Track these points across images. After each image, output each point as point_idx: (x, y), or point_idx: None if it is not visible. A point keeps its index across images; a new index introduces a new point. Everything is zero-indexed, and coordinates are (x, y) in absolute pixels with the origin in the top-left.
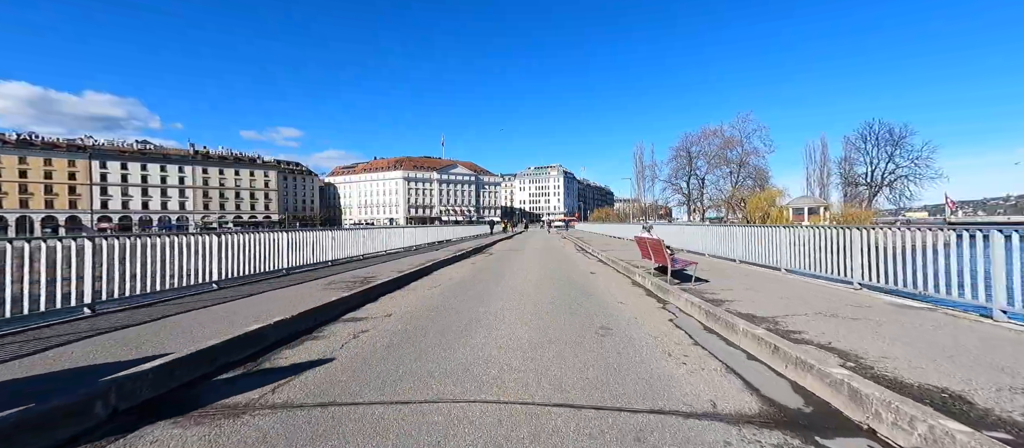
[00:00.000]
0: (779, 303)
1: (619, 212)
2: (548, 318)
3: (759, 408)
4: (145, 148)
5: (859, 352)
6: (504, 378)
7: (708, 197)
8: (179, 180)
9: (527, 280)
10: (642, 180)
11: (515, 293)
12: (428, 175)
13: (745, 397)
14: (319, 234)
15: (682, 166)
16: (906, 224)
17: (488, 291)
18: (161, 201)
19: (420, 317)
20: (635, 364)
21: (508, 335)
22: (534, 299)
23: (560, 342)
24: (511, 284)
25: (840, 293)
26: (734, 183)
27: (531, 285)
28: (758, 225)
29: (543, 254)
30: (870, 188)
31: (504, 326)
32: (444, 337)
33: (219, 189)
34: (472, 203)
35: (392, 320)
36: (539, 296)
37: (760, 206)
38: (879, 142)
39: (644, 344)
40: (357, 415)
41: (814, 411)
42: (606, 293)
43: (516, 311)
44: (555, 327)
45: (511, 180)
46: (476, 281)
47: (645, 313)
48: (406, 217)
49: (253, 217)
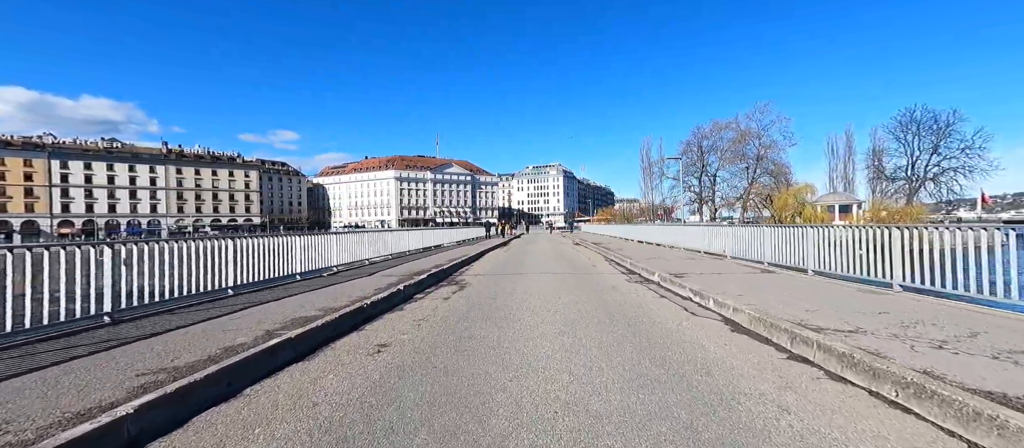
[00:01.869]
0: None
1: (624, 212)
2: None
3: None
4: (111, 146)
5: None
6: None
7: (720, 195)
8: (150, 181)
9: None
10: (649, 177)
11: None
12: (421, 175)
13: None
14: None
15: (693, 162)
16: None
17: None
18: (130, 203)
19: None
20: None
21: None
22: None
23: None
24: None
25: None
26: (750, 179)
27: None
28: (788, 225)
29: (567, 285)
30: (910, 182)
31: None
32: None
33: (195, 190)
34: (468, 204)
35: None
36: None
37: (789, 204)
38: (921, 131)
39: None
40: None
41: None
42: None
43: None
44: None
45: (509, 180)
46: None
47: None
48: (398, 219)
49: (233, 220)
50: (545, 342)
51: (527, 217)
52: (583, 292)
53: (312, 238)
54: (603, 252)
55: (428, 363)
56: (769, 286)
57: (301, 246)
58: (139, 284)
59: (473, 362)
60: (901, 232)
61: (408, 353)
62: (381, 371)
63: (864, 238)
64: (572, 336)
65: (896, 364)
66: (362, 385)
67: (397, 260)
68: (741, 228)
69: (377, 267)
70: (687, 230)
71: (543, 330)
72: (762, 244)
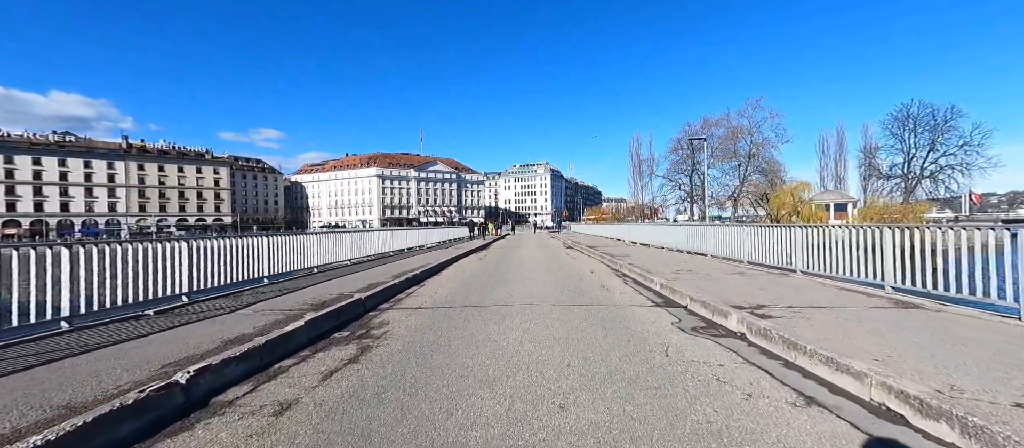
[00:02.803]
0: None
1: (613, 211)
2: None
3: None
4: (64, 140)
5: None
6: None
7: (711, 194)
8: (108, 177)
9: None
10: (639, 175)
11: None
12: (405, 173)
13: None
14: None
15: (683, 159)
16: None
17: None
18: (86, 202)
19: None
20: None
21: None
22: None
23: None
24: None
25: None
26: (741, 177)
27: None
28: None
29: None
30: (906, 180)
31: None
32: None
33: (159, 188)
34: (454, 203)
35: None
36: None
37: (786, 202)
38: (917, 128)
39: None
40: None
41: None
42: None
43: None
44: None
45: (495, 179)
46: None
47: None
48: (380, 219)
49: (201, 220)
50: None
51: (514, 216)
52: (610, 354)
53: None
54: (607, 260)
55: None
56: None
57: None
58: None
59: None
60: (894, 232)
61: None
62: None
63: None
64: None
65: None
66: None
67: (334, 272)
68: (762, 228)
69: (276, 290)
70: (706, 231)
71: None
72: (793, 247)
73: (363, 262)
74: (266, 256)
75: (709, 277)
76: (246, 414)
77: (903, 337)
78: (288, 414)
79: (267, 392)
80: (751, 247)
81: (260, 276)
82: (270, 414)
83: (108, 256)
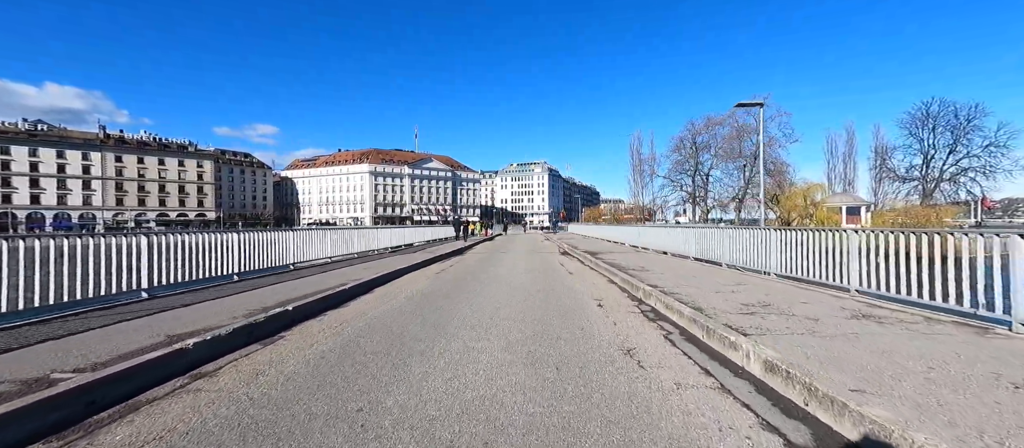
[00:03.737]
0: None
1: (612, 212)
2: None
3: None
4: (36, 129)
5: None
6: None
7: (713, 196)
8: (83, 169)
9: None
10: (639, 175)
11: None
12: (398, 169)
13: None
14: None
15: (685, 159)
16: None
17: None
18: (58, 194)
19: None
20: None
21: None
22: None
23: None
24: None
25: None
26: (746, 178)
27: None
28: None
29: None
30: (924, 183)
31: None
32: None
33: (138, 181)
34: (448, 201)
35: None
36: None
37: (797, 205)
38: (937, 127)
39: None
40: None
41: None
42: None
43: None
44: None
45: (492, 177)
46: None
47: None
48: (372, 216)
49: (183, 215)
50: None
51: (510, 216)
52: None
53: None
54: (618, 278)
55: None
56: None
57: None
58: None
59: None
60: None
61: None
62: None
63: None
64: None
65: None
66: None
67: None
68: (799, 233)
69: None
70: (722, 235)
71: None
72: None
73: (300, 270)
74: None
75: (816, 326)
76: None
77: None
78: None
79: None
80: (789, 258)
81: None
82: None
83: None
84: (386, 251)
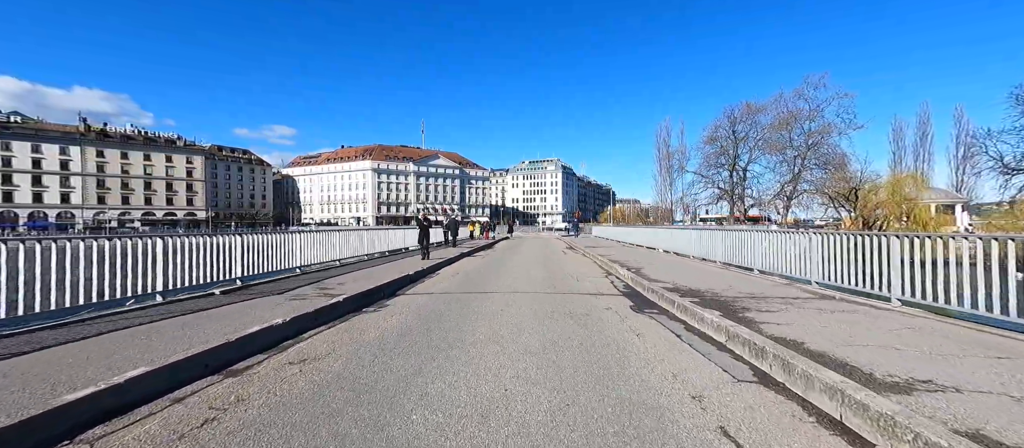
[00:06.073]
0: None
1: (636, 212)
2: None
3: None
4: (9, 121)
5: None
6: None
7: (752, 193)
8: (62, 164)
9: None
10: (667, 170)
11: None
12: (403, 167)
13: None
14: None
15: (721, 151)
16: None
17: None
18: (33, 191)
19: None
20: None
21: None
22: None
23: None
24: None
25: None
26: (795, 171)
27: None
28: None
29: None
30: None
31: None
32: None
33: (121, 177)
34: (456, 201)
35: None
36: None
37: (884, 201)
38: None
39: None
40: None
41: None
42: None
43: None
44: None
45: (502, 175)
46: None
47: None
48: (375, 216)
49: (170, 214)
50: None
51: (521, 216)
52: None
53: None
54: None
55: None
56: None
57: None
58: None
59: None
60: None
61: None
62: None
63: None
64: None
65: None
66: None
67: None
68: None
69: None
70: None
71: None
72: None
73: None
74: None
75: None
76: None
77: None
78: None
79: None
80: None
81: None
82: None
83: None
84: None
